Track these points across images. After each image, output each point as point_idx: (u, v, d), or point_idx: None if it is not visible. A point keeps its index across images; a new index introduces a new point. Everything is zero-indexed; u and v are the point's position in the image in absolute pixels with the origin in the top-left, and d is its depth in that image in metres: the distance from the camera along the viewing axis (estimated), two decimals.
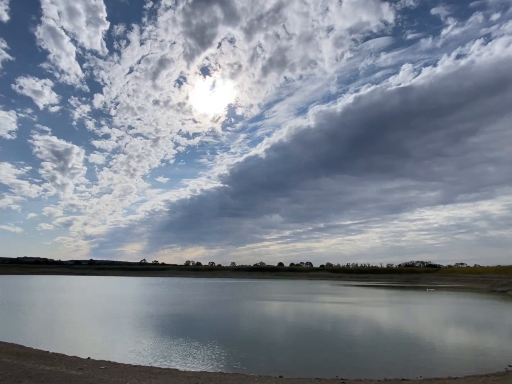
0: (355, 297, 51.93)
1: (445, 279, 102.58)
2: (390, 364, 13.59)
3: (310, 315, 30.80)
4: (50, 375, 9.26)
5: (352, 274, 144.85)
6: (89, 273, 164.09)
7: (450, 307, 38.84)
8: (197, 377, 10.36)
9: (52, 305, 35.12)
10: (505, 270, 79.50)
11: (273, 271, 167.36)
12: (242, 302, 41.32)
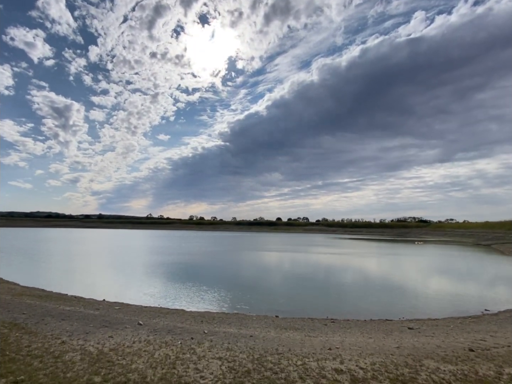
0: (347, 249, 54.96)
1: (434, 234, 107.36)
2: (375, 306, 14.99)
3: (304, 264, 32.96)
4: (70, 314, 10.25)
5: (346, 228, 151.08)
6: (99, 226, 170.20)
7: (434, 258, 41.41)
8: (201, 316, 11.49)
9: (69, 254, 37.21)
10: (492, 225, 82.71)
11: (271, 226, 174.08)
12: (243, 252, 43.83)
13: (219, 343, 7.92)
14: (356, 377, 5.95)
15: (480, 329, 10.19)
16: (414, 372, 6.21)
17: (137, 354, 6.86)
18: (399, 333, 9.71)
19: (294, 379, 5.78)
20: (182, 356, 6.81)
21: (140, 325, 9.40)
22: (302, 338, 8.88)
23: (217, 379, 5.69)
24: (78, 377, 5.54)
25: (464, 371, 6.33)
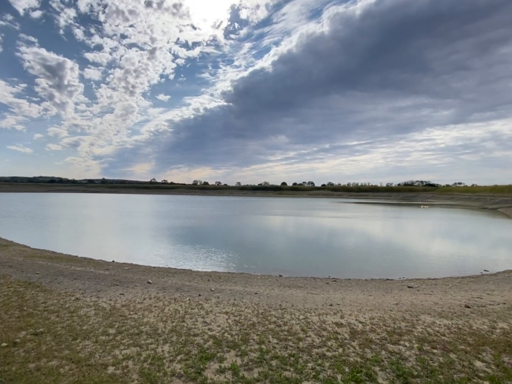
0: (351, 213, 55.57)
1: (440, 197, 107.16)
2: (377, 267, 15.43)
3: (308, 227, 33.63)
4: (81, 274, 10.77)
5: (352, 193, 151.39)
6: (102, 191, 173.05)
7: (438, 221, 41.80)
8: (208, 275, 11.99)
9: (76, 218, 38.38)
10: (501, 189, 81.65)
11: (276, 190, 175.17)
12: (248, 216, 44.71)
13: (226, 300, 8.32)
14: (355, 329, 6.25)
15: (478, 288, 10.49)
16: (411, 326, 6.49)
17: (148, 309, 7.25)
18: (399, 291, 10.07)
19: (297, 331, 6.09)
20: (191, 311, 7.19)
21: (149, 283, 9.86)
22: (304, 295, 9.26)
23: (224, 331, 6.03)
24: (94, 329, 5.91)
25: (458, 325, 6.59)
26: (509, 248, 22.05)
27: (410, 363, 4.86)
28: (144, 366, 4.63)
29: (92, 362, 4.69)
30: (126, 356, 4.91)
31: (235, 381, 4.30)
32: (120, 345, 5.30)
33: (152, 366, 4.64)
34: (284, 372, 4.54)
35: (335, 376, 4.47)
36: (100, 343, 5.33)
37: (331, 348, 5.38)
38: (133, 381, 4.23)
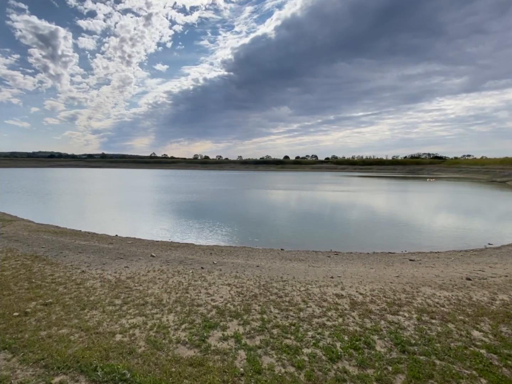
0: (354, 186, 55.34)
1: (447, 170, 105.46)
2: (379, 241, 15.54)
3: (310, 201, 33.69)
4: (85, 248, 11.00)
5: (356, 166, 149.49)
6: (103, 166, 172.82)
7: (443, 195, 41.53)
8: (210, 249, 12.19)
9: (79, 193, 38.74)
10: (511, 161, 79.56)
11: (279, 164, 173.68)
12: (250, 191, 44.80)
13: (228, 272, 8.48)
14: (355, 301, 6.37)
15: (481, 261, 10.56)
16: (411, 297, 6.59)
17: (152, 281, 7.43)
18: (400, 264, 10.18)
19: (297, 302, 6.23)
20: (194, 283, 7.35)
21: (153, 257, 10.05)
22: (305, 268, 9.41)
23: (226, 302, 6.18)
24: (101, 300, 6.09)
25: (458, 296, 6.68)
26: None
27: (408, 332, 4.97)
28: (150, 334, 4.79)
29: (100, 330, 4.86)
30: (132, 325, 5.08)
31: (238, 348, 4.45)
32: (127, 315, 5.47)
33: (158, 334, 4.80)
34: (285, 340, 4.67)
35: (335, 344, 4.59)
36: (107, 313, 5.50)
37: (331, 318, 5.51)
38: (140, 347, 4.39)
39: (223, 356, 4.20)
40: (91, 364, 3.89)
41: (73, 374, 3.73)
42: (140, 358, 4.11)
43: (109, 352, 4.22)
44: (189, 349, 4.38)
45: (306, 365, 4.03)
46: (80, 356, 4.07)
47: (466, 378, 3.84)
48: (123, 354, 4.19)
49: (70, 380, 3.63)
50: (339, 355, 4.27)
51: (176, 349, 4.38)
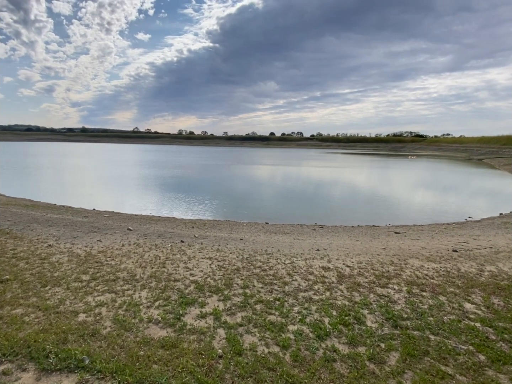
0: (338, 163, 55.47)
1: (428, 148, 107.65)
2: (363, 214, 15.52)
3: (295, 176, 33.39)
4: (57, 221, 10.14)
5: (340, 143, 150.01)
6: (83, 140, 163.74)
7: (424, 171, 42.34)
8: (192, 222, 11.63)
9: (57, 167, 36.53)
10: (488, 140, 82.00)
11: (264, 141, 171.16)
12: (235, 166, 43.86)
13: (210, 245, 8.00)
14: (342, 273, 6.08)
15: (464, 233, 10.63)
16: (399, 269, 6.39)
17: (126, 255, 6.83)
18: (386, 237, 10.07)
19: (282, 275, 5.86)
20: (172, 257, 6.83)
21: (129, 230, 9.39)
22: (291, 241, 9.08)
23: (206, 276, 5.72)
24: (66, 276, 5.46)
25: (447, 268, 6.54)
26: (491, 196, 22.67)
27: (400, 306, 4.72)
28: (118, 312, 4.27)
29: (61, 310, 4.29)
30: (99, 303, 4.53)
31: (217, 326, 4.02)
32: (94, 292, 4.90)
33: (128, 312, 4.29)
34: (268, 317, 4.29)
35: (322, 319, 4.26)
36: (72, 290, 4.91)
37: (318, 292, 5.18)
38: (106, 328, 3.87)
39: (200, 336, 3.77)
40: (44, 349, 3.33)
41: (21, 362, 3.18)
42: (104, 340, 3.60)
43: (68, 334, 3.67)
44: (162, 329, 3.91)
45: (292, 344, 3.67)
46: (32, 340, 3.50)
47: (463, 354, 3.60)
48: (84, 336, 3.66)
49: (16, 369, 3.08)
50: (328, 332, 3.93)
51: (147, 329, 3.89)
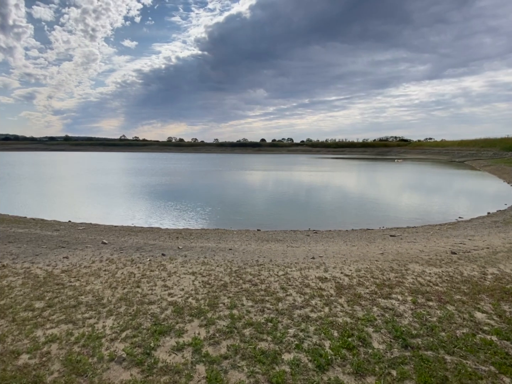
0: (328, 167, 55.68)
1: (412, 152, 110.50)
2: (356, 218, 15.08)
3: (287, 181, 32.95)
4: (20, 236, 9.10)
5: (329, 148, 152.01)
6: (66, 149, 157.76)
7: (411, 175, 42.91)
8: (178, 232, 10.81)
9: (34, 177, 34.63)
10: (467, 143, 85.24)
11: (255, 147, 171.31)
12: (226, 172, 43.10)
13: (194, 258, 7.23)
14: (341, 284, 5.46)
15: (458, 234, 10.28)
16: (401, 276, 5.83)
17: (95, 274, 5.98)
18: (382, 241, 9.57)
19: (275, 290, 5.18)
20: (150, 274, 6.02)
21: (104, 244, 8.49)
22: (284, 249, 8.43)
23: (188, 296, 4.96)
24: (15, 304, 4.58)
25: (449, 272, 6.04)
26: (476, 196, 22.86)
27: (407, 320, 4.12)
28: (73, 350, 3.46)
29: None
30: (50, 337, 3.70)
31: (196, 361, 3.28)
32: (46, 323, 4.06)
33: (85, 349, 3.49)
34: (259, 344, 3.59)
35: (323, 343, 3.59)
36: (18, 322, 4.05)
37: (315, 307, 4.52)
38: (52, 373, 3.06)
39: (174, 377, 3.02)
40: None
41: None
42: None
43: None
44: (126, 370, 3.13)
45: (288, 380, 2.97)
46: None
47: (486, 378, 3.01)
48: None
49: None
50: (329, 360, 3.27)
51: (106, 371, 3.11)
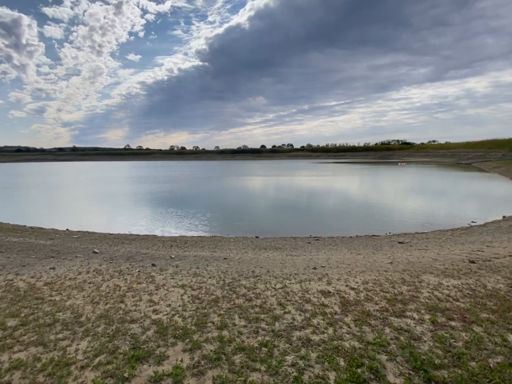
0: (329, 172, 54.98)
1: (416, 155, 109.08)
2: (360, 223, 14.44)
3: (287, 187, 32.38)
4: (12, 246, 8.71)
5: (330, 153, 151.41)
6: (73, 159, 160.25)
7: (417, 177, 41.96)
8: (173, 240, 10.33)
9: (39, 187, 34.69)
10: (473, 145, 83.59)
11: (256, 153, 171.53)
12: (226, 178, 42.74)
13: (186, 268, 6.72)
14: (346, 299, 4.88)
15: (474, 240, 9.60)
16: (414, 290, 5.23)
17: (79, 287, 5.50)
18: (390, 248, 8.95)
19: (272, 306, 4.63)
20: (136, 287, 5.53)
21: (95, 253, 8.04)
22: (283, 258, 7.87)
23: (174, 312, 4.44)
24: None
25: (470, 285, 5.42)
26: (488, 199, 22.01)
27: (427, 345, 3.53)
28: (37, 380, 2.97)
29: None
30: (15, 363, 3.21)
31: None
32: (15, 345, 3.58)
33: (50, 379, 2.99)
34: (251, 375, 3.04)
35: (326, 375, 3.04)
36: None
37: (317, 328, 3.96)
38: None
39: None
40: None
41: None
42: None
43: None
44: None
45: None
46: None
47: None
48: None
49: None
50: None
51: None
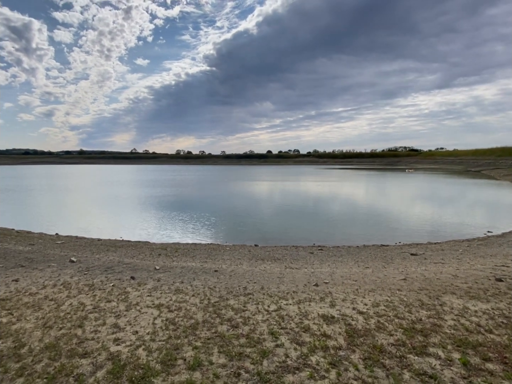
0: (335, 178, 53.94)
1: (424, 162, 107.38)
2: (367, 232, 13.48)
3: (292, 193, 31.48)
4: None
5: (337, 159, 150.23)
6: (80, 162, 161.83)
7: (425, 184, 40.70)
8: (163, 248, 9.52)
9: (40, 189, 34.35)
10: (482, 152, 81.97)
11: (261, 158, 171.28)
12: (231, 183, 42.02)
13: (168, 283, 5.88)
14: (354, 327, 3.99)
15: (495, 253, 8.60)
16: (436, 316, 4.31)
17: (36, 305, 4.70)
18: (402, 261, 8.00)
19: (261, 336, 3.76)
20: (104, 306, 4.70)
21: (72, 262, 7.25)
22: (281, 271, 6.99)
23: (139, 343, 3.59)
24: None
25: (502, 310, 4.48)
26: (503, 207, 20.81)
27: None
28: None
29: None
30: None
31: None
32: None
33: None
34: None
35: None
36: None
37: (317, 370, 3.07)
38: None
39: None
40: None
41: None
42: None
43: None
44: None
45: None
46: None
47: None
48: None
49: None
50: None
51: None
